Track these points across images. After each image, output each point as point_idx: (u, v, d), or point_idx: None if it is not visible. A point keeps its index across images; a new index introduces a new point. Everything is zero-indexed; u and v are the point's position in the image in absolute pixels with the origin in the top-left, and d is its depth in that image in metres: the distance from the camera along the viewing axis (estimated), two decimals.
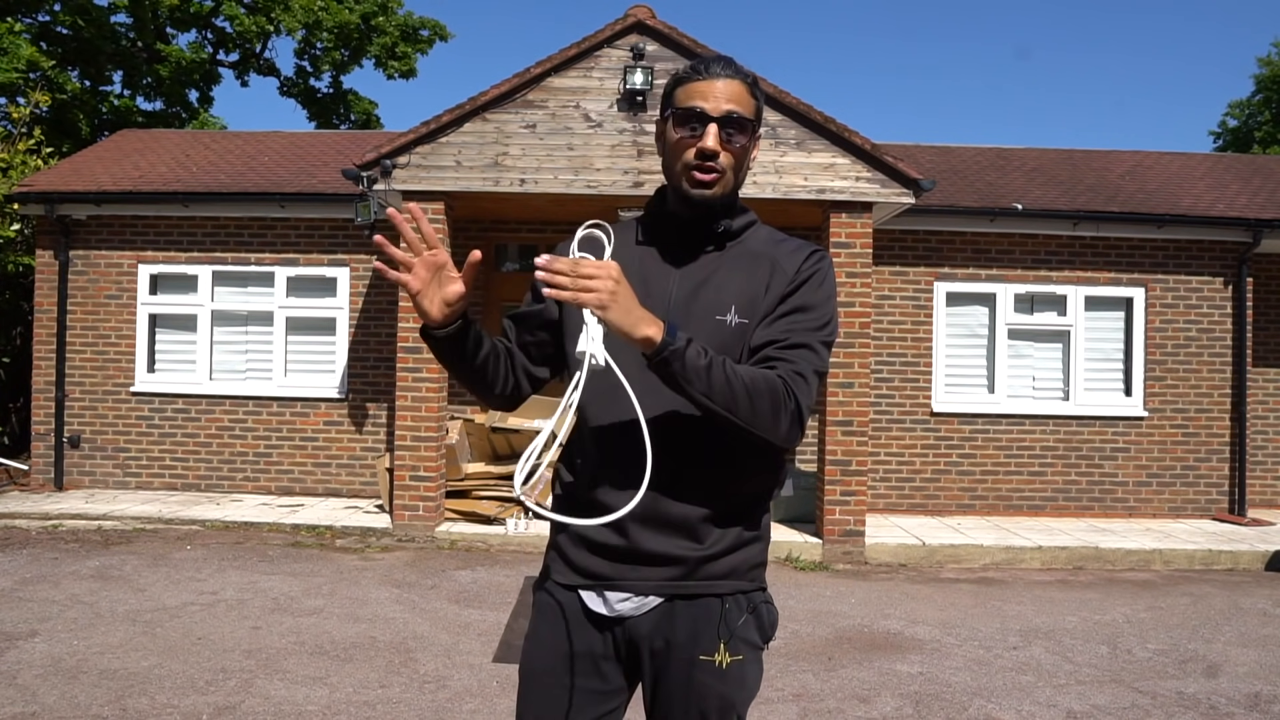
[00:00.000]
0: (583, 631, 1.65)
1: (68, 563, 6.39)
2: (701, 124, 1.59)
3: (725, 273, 1.64)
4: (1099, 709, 4.12)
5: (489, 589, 6.02)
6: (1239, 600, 6.28)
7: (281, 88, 20.08)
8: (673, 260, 1.66)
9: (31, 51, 13.27)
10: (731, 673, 1.61)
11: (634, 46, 7.36)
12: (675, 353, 1.44)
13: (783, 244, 1.69)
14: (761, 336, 1.59)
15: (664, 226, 1.69)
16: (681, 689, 1.61)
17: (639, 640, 1.63)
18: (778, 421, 1.52)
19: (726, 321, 1.59)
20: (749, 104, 1.62)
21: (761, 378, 1.51)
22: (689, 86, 1.62)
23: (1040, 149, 11.17)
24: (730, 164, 1.61)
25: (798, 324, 1.59)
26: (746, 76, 1.64)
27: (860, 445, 7.47)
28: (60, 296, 9.12)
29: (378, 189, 7.47)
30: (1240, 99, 23.96)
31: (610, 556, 1.62)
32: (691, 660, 1.60)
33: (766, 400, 1.50)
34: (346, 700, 3.97)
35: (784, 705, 4.07)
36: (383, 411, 9.05)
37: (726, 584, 1.62)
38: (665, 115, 1.67)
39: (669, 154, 1.65)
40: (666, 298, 1.62)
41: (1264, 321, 9.60)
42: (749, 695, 1.66)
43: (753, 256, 1.66)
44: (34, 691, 3.94)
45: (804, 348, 1.57)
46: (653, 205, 1.74)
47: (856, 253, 7.52)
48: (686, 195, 1.62)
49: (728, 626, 1.60)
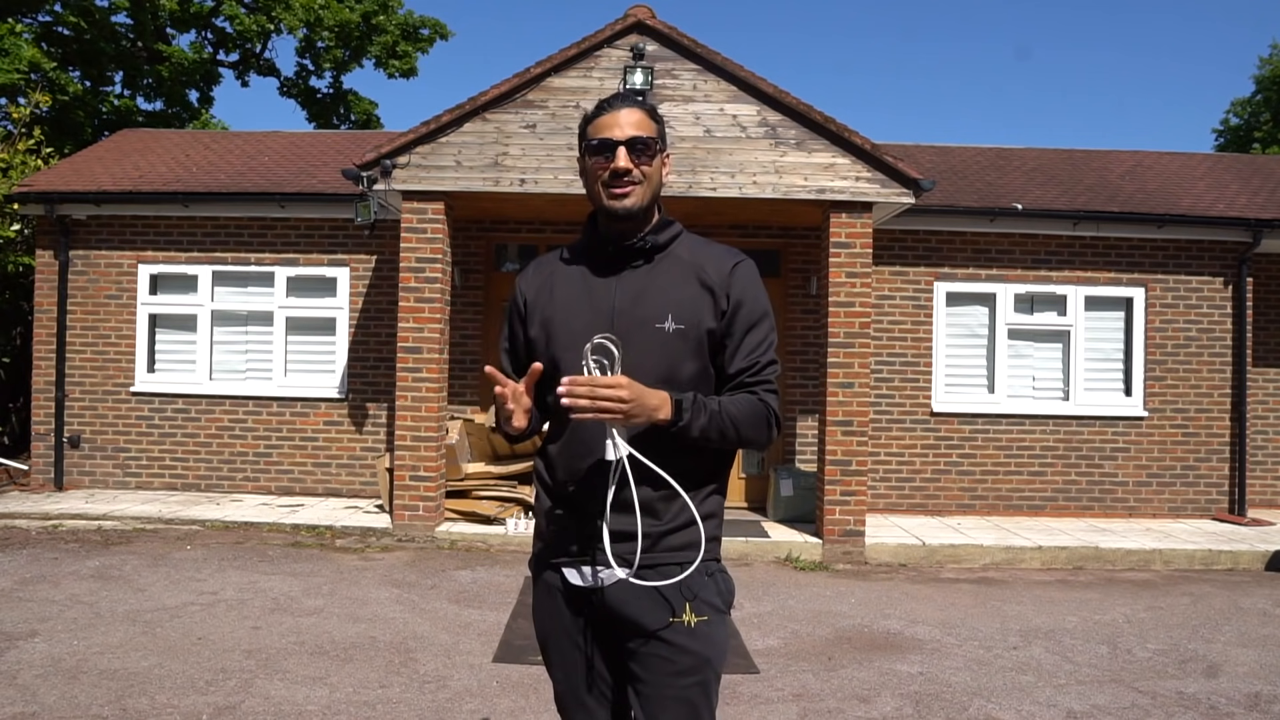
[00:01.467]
0: (570, 604, 1.90)
1: (68, 563, 6.39)
2: (611, 150, 1.85)
3: (659, 283, 1.88)
4: (1099, 709, 4.12)
5: (489, 589, 6.02)
6: (1239, 600, 6.28)
7: (281, 88, 20.08)
8: (610, 273, 1.91)
9: (34, 52, 13.27)
10: (700, 631, 1.82)
11: (634, 46, 7.36)
12: (684, 428, 1.76)
13: (705, 251, 1.93)
14: (734, 366, 1.87)
15: (599, 247, 1.93)
16: (655, 649, 1.81)
17: (612, 607, 1.84)
18: (766, 435, 1.87)
19: (665, 329, 1.83)
20: (650, 127, 1.89)
21: (748, 408, 1.84)
22: (597, 122, 1.89)
23: (1040, 149, 11.18)
24: (643, 178, 1.86)
25: (754, 345, 1.88)
26: (646, 105, 1.92)
27: (860, 445, 7.47)
28: (60, 296, 9.12)
29: (378, 189, 7.47)
30: (1243, 97, 23.95)
31: (584, 536, 1.85)
32: (660, 622, 1.81)
33: (755, 425, 1.85)
34: (346, 700, 3.97)
35: (784, 705, 4.07)
36: (383, 411, 9.05)
37: (685, 554, 1.83)
38: (582, 151, 1.92)
39: (589, 180, 1.90)
40: (610, 308, 1.86)
41: (1264, 321, 9.60)
42: (719, 653, 1.86)
43: (681, 265, 1.90)
44: (34, 691, 3.94)
45: (767, 365, 1.89)
46: (586, 231, 1.98)
47: (856, 253, 7.52)
48: (610, 210, 1.86)
49: (690, 589, 1.81)
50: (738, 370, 1.88)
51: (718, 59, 7.38)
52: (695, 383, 1.85)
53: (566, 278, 1.94)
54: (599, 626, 1.89)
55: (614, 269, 1.91)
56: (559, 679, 1.96)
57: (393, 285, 8.68)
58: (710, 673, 1.84)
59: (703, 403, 1.78)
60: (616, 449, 1.72)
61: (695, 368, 1.85)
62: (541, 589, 1.96)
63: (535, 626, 1.99)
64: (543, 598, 1.96)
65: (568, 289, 1.92)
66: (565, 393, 1.65)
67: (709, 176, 7.38)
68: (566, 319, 1.89)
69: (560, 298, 1.92)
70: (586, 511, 1.83)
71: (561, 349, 1.87)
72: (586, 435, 1.81)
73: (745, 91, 7.43)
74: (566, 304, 1.91)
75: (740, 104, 7.44)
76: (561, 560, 1.90)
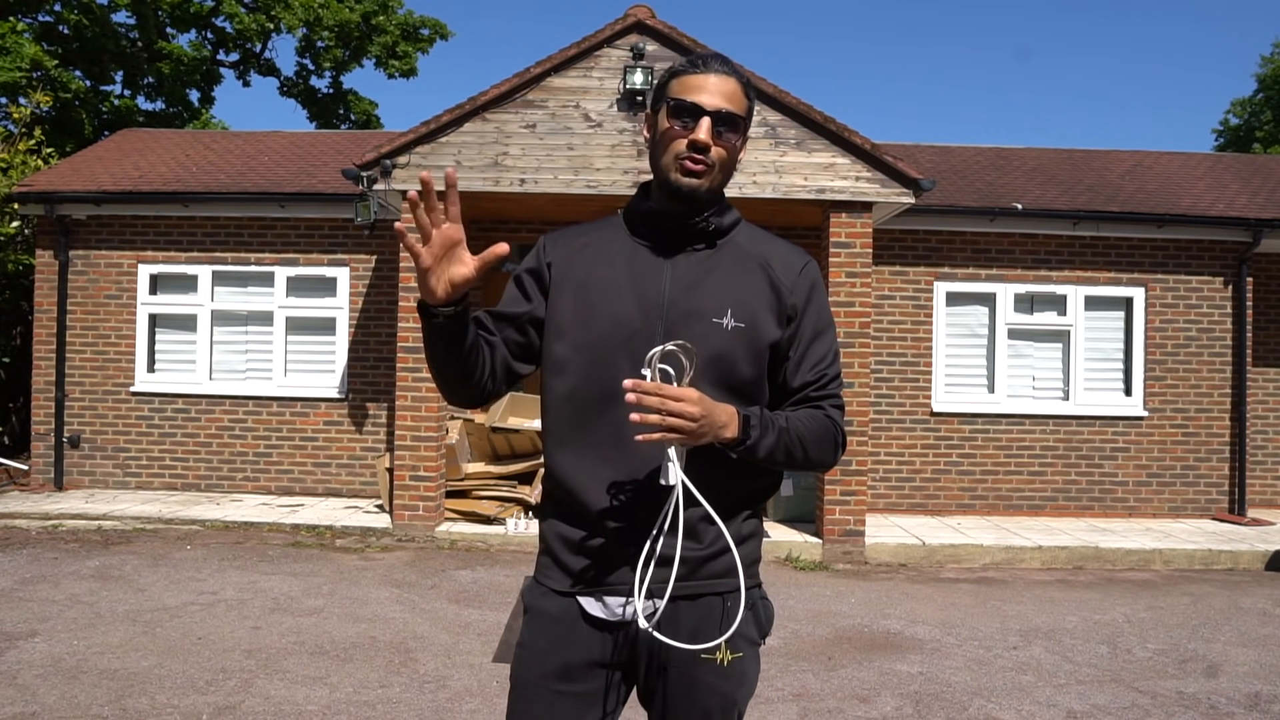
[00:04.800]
0: (582, 637, 1.62)
1: (68, 563, 6.39)
2: (694, 118, 1.58)
3: (719, 275, 1.64)
4: (1099, 709, 4.12)
5: (489, 589, 6.02)
6: (1239, 600, 6.28)
7: (282, 88, 20.08)
8: (663, 256, 1.65)
9: (35, 50, 13.26)
10: (733, 670, 1.61)
11: (634, 46, 7.36)
12: (750, 447, 1.52)
13: (769, 245, 1.71)
14: (799, 379, 1.66)
15: (649, 223, 1.68)
16: (684, 689, 1.60)
17: (640, 643, 1.61)
18: (833, 457, 1.67)
19: (723, 325, 1.60)
20: (742, 103, 1.63)
21: (817, 426, 1.62)
22: (685, 79, 1.61)
23: (1040, 149, 11.17)
24: (720, 159, 1.61)
25: (820, 356, 1.68)
26: (742, 77, 1.64)
27: (860, 445, 7.47)
28: (60, 296, 9.12)
29: (378, 189, 7.47)
30: (1243, 97, 23.94)
31: (610, 560, 1.60)
32: (694, 659, 1.58)
33: (823, 446, 1.63)
34: (346, 700, 3.97)
35: (784, 705, 4.07)
36: (383, 411, 9.05)
37: (726, 582, 1.62)
38: (658, 107, 1.65)
39: (659, 144, 1.63)
40: (660, 297, 1.61)
41: (1264, 321, 9.60)
42: (749, 691, 1.66)
43: (744, 256, 1.67)
44: (34, 691, 3.94)
45: (834, 380, 1.69)
46: (635, 203, 1.71)
47: (856, 253, 7.52)
48: (676, 186, 1.60)
49: (730, 625, 1.58)
50: (803, 384, 1.66)
51: None
52: (750, 392, 1.63)
53: (605, 255, 1.66)
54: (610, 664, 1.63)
55: (668, 251, 1.65)
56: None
57: (393, 285, 8.68)
58: (735, 712, 1.64)
59: (770, 419, 1.56)
60: (675, 473, 1.47)
61: (752, 374, 1.63)
62: (538, 621, 1.66)
63: (515, 664, 1.66)
64: (538, 632, 1.65)
65: (607, 269, 1.64)
66: (635, 400, 1.40)
67: None
68: (604, 301, 1.62)
69: (599, 277, 1.64)
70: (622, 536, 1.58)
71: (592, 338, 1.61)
72: (632, 449, 1.53)
73: None
74: (605, 285, 1.63)
75: None
76: (580, 589, 1.62)
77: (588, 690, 1.62)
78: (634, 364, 1.52)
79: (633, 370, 1.51)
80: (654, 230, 1.67)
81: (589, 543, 1.61)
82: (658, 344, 1.50)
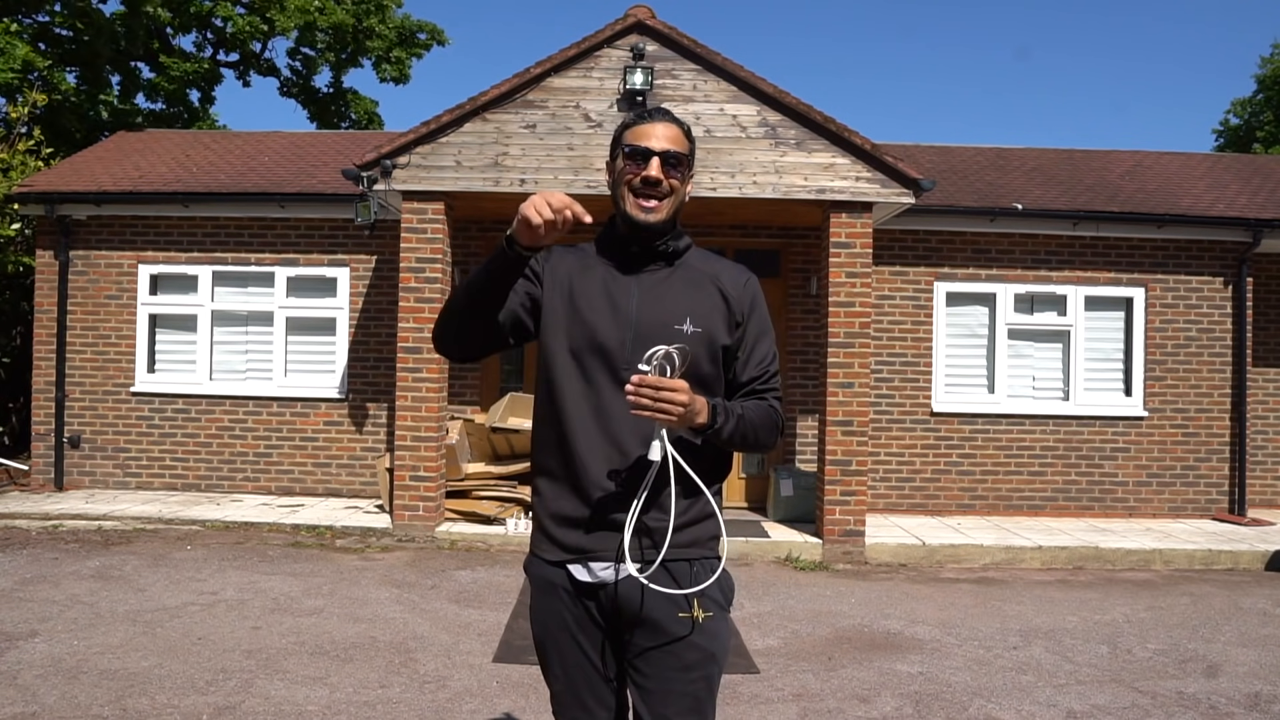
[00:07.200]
0: (573, 601, 1.92)
1: (68, 563, 6.39)
2: (645, 159, 1.92)
3: (677, 288, 1.96)
4: (1099, 709, 4.12)
5: (489, 589, 6.02)
6: (1239, 600, 6.28)
7: (282, 88, 20.04)
8: (629, 274, 1.97)
9: (26, 51, 13.22)
10: (707, 627, 1.88)
11: (634, 46, 7.36)
12: (717, 431, 1.85)
13: (718, 264, 2.04)
14: (746, 374, 1.99)
15: (616, 247, 1.99)
16: (663, 644, 1.86)
17: (621, 603, 1.87)
18: (775, 439, 2.01)
19: (683, 330, 1.90)
20: (685, 145, 1.97)
21: (763, 414, 1.96)
22: (636, 129, 1.95)
23: (1040, 149, 11.17)
24: (670, 192, 1.93)
25: (763, 356, 2.00)
26: (683, 125, 1.99)
27: (860, 445, 7.47)
28: (60, 296, 9.12)
29: (378, 189, 7.48)
30: (1243, 97, 23.94)
31: (591, 530, 1.88)
32: (670, 617, 1.86)
33: (768, 430, 1.97)
34: (346, 700, 3.97)
35: (784, 705, 4.07)
36: (383, 411, 9.05)
37: (692, 550, 1.91)
38: (615, 154, 1.99)
39: (618, 184, 1.96)
40: (630, 307, 1.93)
41: (1264, 321, 9.60)
42: (723, 649, 1.92)
43: (697, 274, 1.99)
44: (34, 691, 3.94)
45: (774, 375, 2.02)
46: (605, 232, 2.03)
47: (856, 253, 7.52)
48: (634, 220, 1.93)
49: (698, 585, 1.87)
50: (750, 378, 2.00)
51: (718, 59, 7.38)
52: (712, 387, 1.94)
53: (588, 272, 1.99)
54: (603, 624, 1.91)
55: (633, 269, 1.97)
56: (557, 679, 1.96)
57: (393, 285, 8.68)
58: (715, 668, 1.90)
59: (729, 407, 1.88)
60: (662, 449, 1.79)
61: (712, 371, 1.95)
62: (541, 587, 1.97)
63: (533, 627, 2.00)
64: (542, 596, 1.96)
65: (589, 283, 1.97)
66: (633, 391, 1.73)
67: (709, 176, 7.37)
68: (587, 309, 1.93)
69: (581, 289, 1.96)
70: (606, 508, 1.86)
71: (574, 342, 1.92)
72: (615, 432, 1.86)
73: (745, 91, 7.43)
74: (587, 295, 1.95)
75: (740, 104, 7.43)
76: (569, 558, 1.91)
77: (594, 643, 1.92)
78: (609, 362, 1.88)
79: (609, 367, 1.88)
80: (621, 253, 1.99)
81: (576, 515, 1.89)
82: (629, 346, 1.87)
